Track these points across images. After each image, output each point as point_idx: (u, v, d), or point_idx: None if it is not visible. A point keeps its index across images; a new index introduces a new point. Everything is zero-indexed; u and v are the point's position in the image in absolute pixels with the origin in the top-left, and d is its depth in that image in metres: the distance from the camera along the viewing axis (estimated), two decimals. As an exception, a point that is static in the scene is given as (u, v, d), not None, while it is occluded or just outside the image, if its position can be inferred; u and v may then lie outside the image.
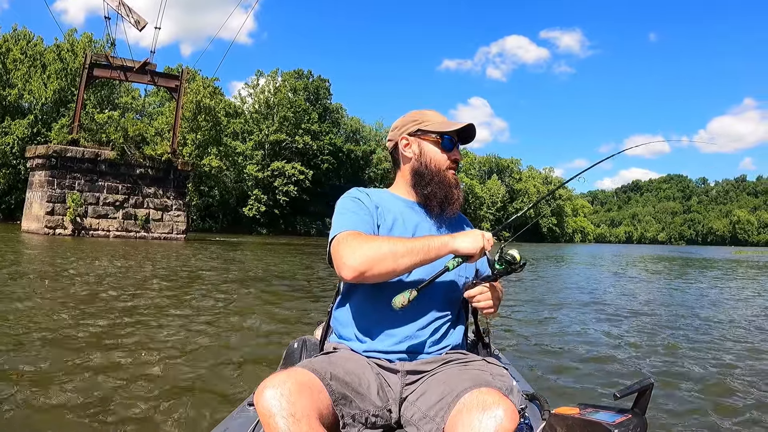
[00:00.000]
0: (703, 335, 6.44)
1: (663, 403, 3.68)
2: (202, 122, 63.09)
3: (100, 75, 31.67)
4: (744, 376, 4.55)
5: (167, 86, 31.90)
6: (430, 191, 1.85)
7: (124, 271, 11.47)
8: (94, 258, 14.54)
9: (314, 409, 1.34)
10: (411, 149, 1.91)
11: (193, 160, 61.35)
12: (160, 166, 29.82)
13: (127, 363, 4.26)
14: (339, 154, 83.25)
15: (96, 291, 7.98)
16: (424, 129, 1.89)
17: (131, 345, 4.87)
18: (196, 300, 7.78)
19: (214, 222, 69.43)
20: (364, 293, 1.78)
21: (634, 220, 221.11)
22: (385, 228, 1.81)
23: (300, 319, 6.59)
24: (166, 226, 29.92)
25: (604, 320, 7.34)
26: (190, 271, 12.31)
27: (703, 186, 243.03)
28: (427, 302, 1.75)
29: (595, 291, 11.34)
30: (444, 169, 1.88)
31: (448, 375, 1.60)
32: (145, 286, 9.12)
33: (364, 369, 1.64)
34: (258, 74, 78.86)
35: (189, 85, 65.36)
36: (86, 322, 5.75)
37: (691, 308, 8.93)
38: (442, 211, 1.87)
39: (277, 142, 72.98)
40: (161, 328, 5.67)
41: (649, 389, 1.50)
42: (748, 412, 3.61)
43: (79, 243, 22.49)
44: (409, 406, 1.58)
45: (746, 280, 17.08)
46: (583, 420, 1.42)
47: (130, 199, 29.46)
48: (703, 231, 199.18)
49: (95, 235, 28.53)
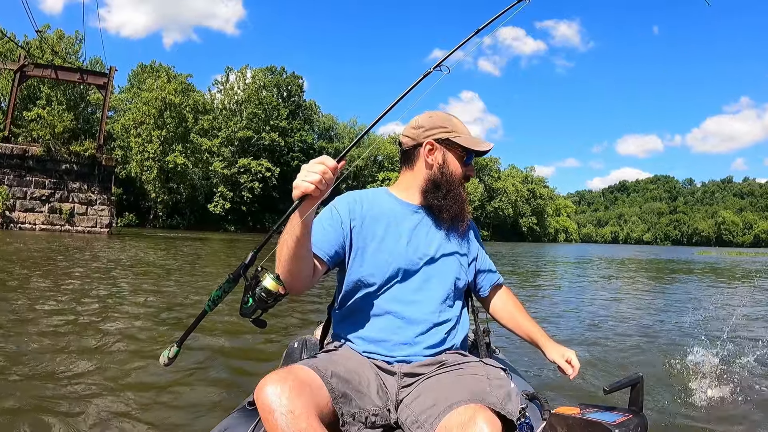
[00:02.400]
0: (693, 333, 6.19)
1: (663, 403, 3.65)
2: (168, 119, 64.14)
3: (33, 74, 32.43)
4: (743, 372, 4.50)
5: (96, 83, 32.42)
6: (444, 204, 1.81)
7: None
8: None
9: (314, 406, 1.35)
10: (434, 157, 1.84)
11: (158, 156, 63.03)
12: (85, 162, 30.46)
13: (111, 360, 4.27)
14: (310, 152, 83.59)
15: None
16: (453, 140, 1.83)
17: (102, 340, 4.87)
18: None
19: (181, 219, 69.96)
20: (364, 293, 1.77)
21: (620, 221, 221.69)
22: (375, 238, 1.78)
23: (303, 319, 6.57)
24: (90, 220, 30.52)
25: (604, 320, 7.17)
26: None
27: (690, 187, 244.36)
28: (428, 305, 1.76)
29: (595, 290, 11.09)
30: (461, 183, 1.86)
31: (442, 381, 1.59)
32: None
33: (364, 368, 1.64)
34: (228, 70, 79.40)
35: (154, 81, 66.55)
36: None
37: (681, 308, 8.71)
38: (452, 225, 1.85)
39: (245, 138, 73.50)
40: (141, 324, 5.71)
41: (638, 384, 1.54)
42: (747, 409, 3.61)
43: (7, 235, 23.64)
44: (404, 409, 1.58)
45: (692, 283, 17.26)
46: (583, 420, 1.43)
47: (56, 194, 30.02)
48: (689, 232, 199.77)
49: (23, 228, 29.22)
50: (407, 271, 1.76)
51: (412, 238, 1.79)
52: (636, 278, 16.87)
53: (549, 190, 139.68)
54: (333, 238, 1.76)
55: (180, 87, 66.57)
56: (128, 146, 65.40)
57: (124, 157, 64.39)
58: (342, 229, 1.77)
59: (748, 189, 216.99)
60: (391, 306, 1.73)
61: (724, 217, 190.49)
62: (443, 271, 1.80)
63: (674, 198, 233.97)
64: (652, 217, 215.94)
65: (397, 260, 1.75)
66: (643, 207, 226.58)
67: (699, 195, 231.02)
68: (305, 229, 1.52)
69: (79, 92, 62.88)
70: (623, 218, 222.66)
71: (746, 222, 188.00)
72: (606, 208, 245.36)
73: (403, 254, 1.76)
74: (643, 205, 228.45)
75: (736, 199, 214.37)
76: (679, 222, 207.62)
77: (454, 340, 1.79)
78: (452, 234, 1.86)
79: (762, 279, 17.59)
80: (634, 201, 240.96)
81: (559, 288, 12.70)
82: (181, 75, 71.03)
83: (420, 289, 1.76)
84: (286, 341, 4.48)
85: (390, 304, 1.73)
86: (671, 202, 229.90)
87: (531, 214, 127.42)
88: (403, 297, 1.74)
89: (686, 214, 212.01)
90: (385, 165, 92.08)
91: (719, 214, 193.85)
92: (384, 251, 1.76)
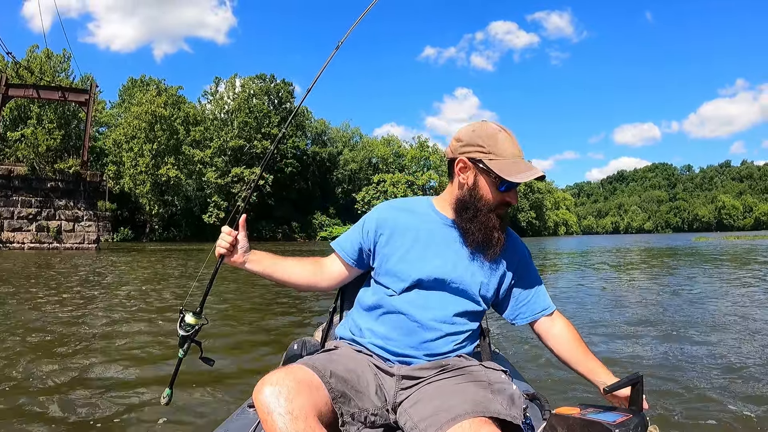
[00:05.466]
0: (697, 330, 6.05)
1: (663, 401, 3.61)
2: (159, 132, 64.33)
3: (14, 95, 32.61)
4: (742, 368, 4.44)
5: (77, 101, 32.60)
6: (469, 228, 1.71)
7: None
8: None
9: (313, 407, 1.34)
10: (465, 176, 1.72)
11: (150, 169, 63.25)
12: (70, 179, 30.62)
13: (117, 364, 4.40)
14: (303, 158, 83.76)
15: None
16: (487, 165, 1.66)
17: (106, 343, 5.09)
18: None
19: (177, 231, 70.14)
20: (381, 295, 1.77)
21: (620, 210, 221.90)
22: (401, 248, 1.78)
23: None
24: (77, 236, 30.64)
25: (604, 320, 7.00)
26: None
27: (688, 173, 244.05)
28: (443, 316, 1.73)
29: (593, 289, 10.84)
30: (492, 210, 1.70)
31: (442, 387, 1.56)
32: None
33: (363, 368, 1.63)
34: (216, 81, 79.73)
35: (143, 95, 66.85)
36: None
37: (679, 303, 8.37)
38: (475, 250, 1.75)
39: (238, 148, 73.70)
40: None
41: (638, 383, 1.53)
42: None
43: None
44: (402, 413, 1.54)
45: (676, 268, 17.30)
46: (583, 420, 1.42)
47: (43, 212, 30.19)
48: (689, 218, 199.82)
49: (12, 248, 29.37)
50: (427, 285, 1.73)
51: (438, 254, 1.75)
52: (629, 269, 16.74)
53: (547, 183, 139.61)
54: (355, 243, 1.87)
55: (170, 100, 67.08)
56: (121, 161, 65.49)
57: (116, 172, 64.75)
58: (366, 236, 1.84)
59: (746, 172, 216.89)
60: (406, 308, 1.71)
61: (723, 201, 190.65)
62: (463, 291, 1.75)
63: (673, 185, 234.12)
64: (652, 206, 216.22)
65: (418, 273, 1.73)
66: (643, 196, 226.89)
67: (698, 181, 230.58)
68: (255, 271, 1.87)
69: (71, 110, 63.16)
70: (623, 208, 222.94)
71: (746, 205, 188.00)
72: (605, 199, 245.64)
73: (425, 269, 1.73)
74: (642, 194, 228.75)
75: (735, 182, 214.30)
76: (679, 209, 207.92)
77: (461, 352, 1.75)
78: (480, 257, 1.76)
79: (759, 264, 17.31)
80: (633, 190, 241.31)
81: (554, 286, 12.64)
82: (171, 88, 71.53)
83: (437, 301, 1.73)
84: (286, 342, 4.61)
85: (405, 306, 1.71)
86: (670, 189, 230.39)
87: (530, 208, 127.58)
88: (419, 303, 1.72)
89: (686, 200, 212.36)
90: (380, 167, 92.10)
91: (719, 199, 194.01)
92: (407, 262, 1.75)
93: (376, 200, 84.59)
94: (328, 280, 1.93)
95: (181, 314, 1.74)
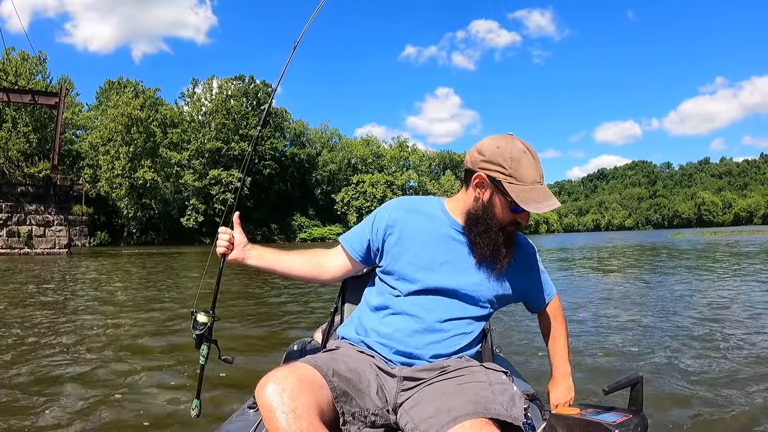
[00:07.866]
0: (698, 329, 6.07)
1: (663, 401, 3.63)
2: (135, 135, 64.04)
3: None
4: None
5: (48, 104, 32.55)
6: (477, 242, 1.72)
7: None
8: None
9: (315, 405, 1.34)
10: (481, 191, 1.71)
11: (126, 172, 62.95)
12: (40, 183, 30.67)
13: (118, 366, 4.52)
14: (282, 159, 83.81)
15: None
16: (505, 188, 1.64)
17: (108, 350, 5.21)
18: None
19: (156, 234, 69.87)
20: (387, 296, 1.79)
21: (601, 208, 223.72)
22: (410, 251, 1.79)
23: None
24: (48, 241, 30.69)
25: (604, 319, 7.03)
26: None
27: (668, 170, 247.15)
28: (447, 319, 1.74)
29: (592, 288, 10.90)
30: (502, 227, 1.71)
31: (443, 388, 1.56)
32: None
33: (365, 368, 1.63)
34: (193, 82, 79.55)
35: (119, 97, 66.51)
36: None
37: (677, 302, 8.40)
38: (482, 262, 1.76)
39: (215, 150, 73.60)
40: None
41: (638, 384, 1.54)
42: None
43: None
44: (403, 414, 1.55)
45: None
46: (583, 420, 1.43)
47: (13, 217, 30.18)
48: (669, 215, 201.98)
49: (-19, 254, 29.39)
50: (434, 288, 1.74)
51: (448, 259, 1.76)
52: (610, 267, 16.77)
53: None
54: (363, 239, 1.89)
55: (148, 102, 66.79)
56: (97, 164, 65.20)
57: (93, 175, 64.47)
58: (375, 234, 1.85)
59: (725, 169, 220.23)
60: (413, 310, 1.72)
61: (703, 198, 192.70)
62: (470, 296, 1.76)
63: (653, 182, 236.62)
64: (633, 203, 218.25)
65: (427, 276, 1.74)
66: (623, 193, 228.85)
67: (677, 178, 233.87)
68: (257, 265, 1.92)
69: (46, 113, 62.74)
70: (604, 206, 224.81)
71: (725, 201, 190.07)
72: (586, 197, 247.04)
73: (434, 273, 1.74)
74: (622, 192, 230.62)
75: (714, 179, 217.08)
76: (659, 206, 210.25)
77: (464, 353, 1.75)
78: (486, 269, 1.76)
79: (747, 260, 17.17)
80: (613, 188, 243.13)
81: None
82: (149, 89, 71.20)
83: (444, 304, 1.74)
84: (286, 343, 4.55)
85: (412, 308, 1.72)
86: (650, 186, 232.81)
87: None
88: (425, 305, 1.73)
89: (666, 197, 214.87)
90: (359, 168, 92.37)
91: (698, 196, 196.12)
92: (416, 265, 1.76)
93: (355, 201, 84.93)
94: (332, 273, 1.97)
95: (192, 315, 1.84)
